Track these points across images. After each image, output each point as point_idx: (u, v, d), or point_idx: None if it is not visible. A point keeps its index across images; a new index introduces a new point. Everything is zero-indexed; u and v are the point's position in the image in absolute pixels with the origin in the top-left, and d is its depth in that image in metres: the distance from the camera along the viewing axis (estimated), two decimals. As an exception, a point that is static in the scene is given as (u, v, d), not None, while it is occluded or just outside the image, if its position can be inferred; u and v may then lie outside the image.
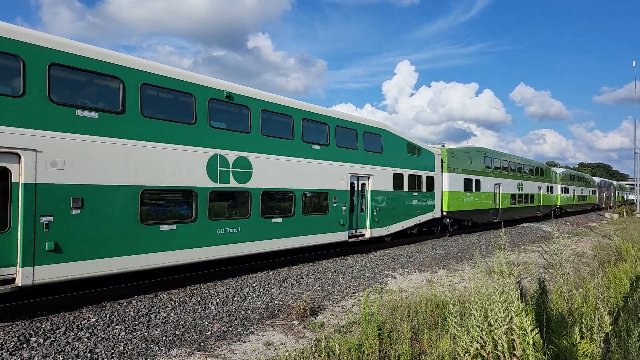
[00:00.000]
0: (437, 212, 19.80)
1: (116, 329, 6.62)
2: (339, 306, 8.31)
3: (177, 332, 6.60)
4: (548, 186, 35.82)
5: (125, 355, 5.67)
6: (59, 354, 5.60)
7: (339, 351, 4.62)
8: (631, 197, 76.71)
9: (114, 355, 5.66)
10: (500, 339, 3.72)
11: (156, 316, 7.32)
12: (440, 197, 20.12)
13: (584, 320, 4.23)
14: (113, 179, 8.20)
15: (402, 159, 17.22)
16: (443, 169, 20.44)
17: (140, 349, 5.91)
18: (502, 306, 3.77)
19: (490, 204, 24.95)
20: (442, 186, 20.30)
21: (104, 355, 5.64)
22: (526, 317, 3.64)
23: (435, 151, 19.86)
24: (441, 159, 20.33)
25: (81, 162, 7.72)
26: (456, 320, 4.26)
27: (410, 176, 17.60)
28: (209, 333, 6.65)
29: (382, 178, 15.92)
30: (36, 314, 7.12)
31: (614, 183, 75.11)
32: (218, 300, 8.40)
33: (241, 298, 8.67)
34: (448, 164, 20.72)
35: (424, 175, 18.61)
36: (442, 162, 20.41)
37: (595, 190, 54.79)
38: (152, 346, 6.02)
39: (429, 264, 12.98)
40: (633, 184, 65.68)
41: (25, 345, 5.83)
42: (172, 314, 7.47)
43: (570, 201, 42.35)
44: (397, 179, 16.81)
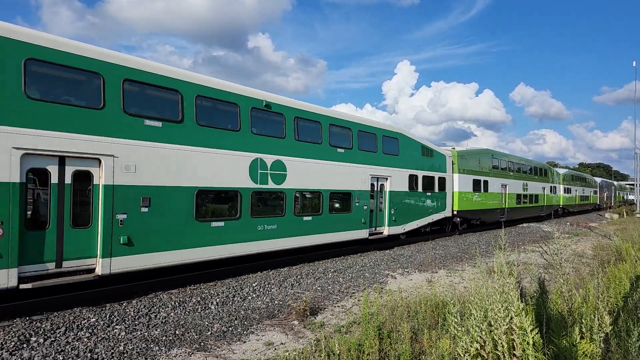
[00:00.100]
0: (448, 211, 20.51)
1: (116, 329, 6.63)
2: (339, 306, 8.31)
3: (177, 332, 6.60)
4: (551, 186, 36.41)
5: (125, 355, 5.68)
6: (59, 354, 5.61)
7: (339, 351, 4.62)
8: (631, 197, 76.74)
9: (114, 355, 5.66)
10: (500, 339, 3.72)
11: (156, 316, 7.33)
12: (451, 197, 20.84)
13: (584, 320, 4.23)
14: (173, 180, 9.26)
15: (417, 161, 18.04)
16: (454, 170, 21.12)
17: (140, 348, 5.91)
18: (502, 306, 3.77)
19: (497, 203, 25.55)
20: (453, 186, 21.00)
21: (104, 355, 5.64)
22: (526, 317, 3.64)
23: (446, 153, 20.59)
24: (452, 161, 21.05)
25: (148, 166, 8.78)
26: (456, 320, 4.26)
27: (424, 177, 18.37)
28: (209, 333, 6.65)
29: (399, 179, 16.78)
30: (36, 313, 7.13)
31: (615, 183, 75.72)
32: (218, 300, 8.41)
33: (241, 298, 8.68)
34: (458, 165, 21.37)
35: (436, 177, 19.36)
36: (453, 164, 21.12)
37: (597, 191, 55.32)
38: (152, 346, 6.03)
39: (429, 264, 12.99)
40: (633, 184, 65.69)
41: (25, 345, 5.84)
42: (172, 314, 7.48)
43: (572, 201, 42.89)
44: (412, 180, 17.62)
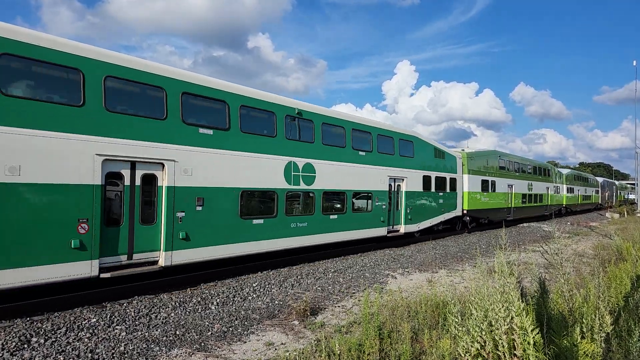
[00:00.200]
0: (458, 210, 21.48)
1: (117, 329, 6.63)
2: (339, 306, 8.31)
3: (177, 333, 6.60)
4: (555, 186, 37.39)
5: (126, 356, 5.68)
6: (60, 354, 5.61)
7: (339, 351, 4.62)
8: (632, 196, 76.82)
9: (114, 355, 5.66)
10: (500, 339, 3.72)
11: (157, 316, 7.32)
12: (461, 196, 21.78)
13: (584, 320, 4.22)
14: (222, 182, 10.24)
15: (430, 162, 19.03)
16: (463, 171, 22.05)
17: (141, 349, 5.91)
18: (503, 306, 3.76)
19: (504, 203, 26.56)
20: (463, 187, 21.92)
21: (104, 355, 5.64)
22: (527, 317, 3.64)
23: (456, 155, 21.58)
24: (462, 162, 21.99)
25: (202, 169, 9.74)
26: (457, 320, 4.26)
27: (436, 178, 19.34)
28: (210, 333, 6.65)
29: (413, 180, 17.73)
30: (37, 314, 7.13)
31: (616, 183, 76.79)
32: (218, 300, 8.40)
33: (241, 298, 8.68)
34: (468, 166, 22.34)
35: (448, 177, 20.33)
36: (463, 165, 22.05)
37: (599, 190, 56.23)
38: (152, 346, 6.03)
39: (429, 263, 12.98)
40: (633, 184, 65.77)
41: (26, 346, 5.84)
42: (172, 314, 7.48)
43: (575, 200, 43.87)
44: (426, 180, 18.57)
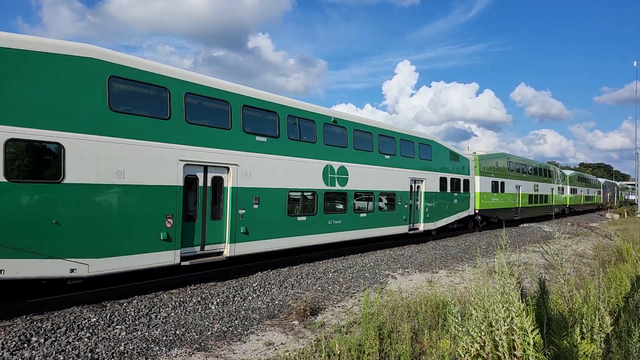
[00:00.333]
0: (471, 210, 22.83)
1: (117, 328, 6.63)
2: (339, 306, 8.31)
3: (177, 332, 6.60)
4: (559, 187, 38.87)
5: (126, 355, 5.68)
6: (60, 354, 5.61)
7: (339, 351, 4.62)
8: (632, 197, 76.99)
9: (114, 355, 5.67)
10: (500, 339, 3.72)
11: (157, 316, 7.33)
12: (473, 197, 23.17)
13: (584, 321, 4.22)
14: (273, 183, 11.62)
15: (446, 165, 20.38)
16: (475, 173, 23.51)
17: (141, 348, 5.92)
18: (503, 306, 3.76)
19: (512, 203, 28.05)
20: (475, 187, 23.39)
21: (104, 355, 5.64)
22: (527, 317, 3.64)
23: (469, 157, 22.89)
24: (474, 164, 23.37)
25: (258, 172, 11.11)
26: (457, 321, 4.25)
27: (452, 179, 20.69)
28: (210, 333, 6.65)
29: (431, 181, 19.06)
30: (37, 313, 7.13)
31: (617, 184, 77.94)
32: (218, 300, 8.40)
33: (241, 298, 8.68)
34: (479, 168, 23.87)
35: (462, 179, 21.66)
36: (474, 167, 23.47)
37: (601, 191, 57.55)
38: (152, 346, 6.03)
39: (430, 264, 12.98)
40: (634, 184, 65.92)
41: (26, 345, 5.84)
42: (172, 314, 7.48)
43: (578, 201, 45.37)
44: (443, 182, 19.92)
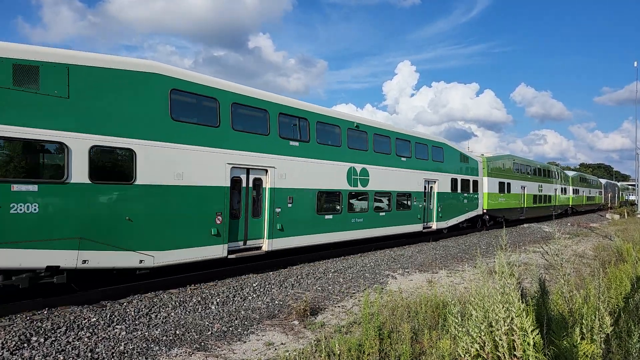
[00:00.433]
0: (479, 209, 23.71)
1: (117, 328, 6.63)
2: (339, 306, 8.31)
3: (177, 332, 6.60)
4: (562, 188, 39.83)
5: (126, 355, 5.68)
6: (60, 354, 5.61)
7: (339, 351, 4.62)
8: (632, 197, 77.14)
9: (114, 354, 5.67)
10: (500, 339, 3.72)
11: (156, 316, 7.33)
12: (482, 197, 24.01)
13: (584, 321, 4.21)
14: (305, 184, 12.55)
15: (457, 166, 21.22)
16: (483, 174, 24.36)
17: (141, 348, 5.92)
18: (503, 307, 3.76)
19: (517, 203, 28.99)
20: (483, 188, 24.25)
21: (104, 354, 5.64)
22: (527, 317, 3.64)
23: (478, 159, 23.80)
24: (482, 166, 24.19)
25: (292, 174, 12.04)
26: (457, 321, 4.25)
27: (462, 180, 21.54)
28: (210, 333, 6.65)
29: (444, 182, 19.89)
30: (37, 313, 7.13)
31: (618, 184, 79.12)
32: (218, 300, 8.40)
33: (241, 298, 8.68)
34: (487, 169, 24.78)
35: (471, 180, 22.50)
36: (483, 168, 24.33)
37: (602, 192, 58.61)
38: (152, 346, 6.03)
39: (430, 264, 12.98)
40: (634, 184, 66.11)
41: (26, 345, 5.84)
42: (172, 314, 7.48)
43: (580, 201, 46.49)
44: (454, 182, 20.77)
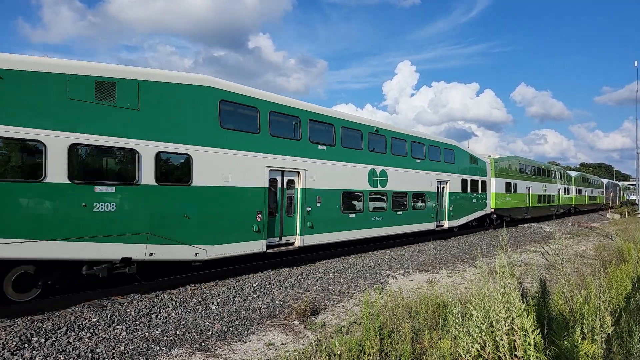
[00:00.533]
0: (488, 209, 24.66)
1: (117, 329, 6.63)
2: (339, 306, 8.30)
3: (177, 332, 6.60)
4: (565, 188, 40.85)
5: (126, 355, 5.68)
6: (60, 354, 5.61)
7: (339, 351, 4.62)
8: (633, 197, 77.22)
9: (115, 355, 5.66)
10: (501, 339, 3.71)
11: (157, 316, 7.33)
12: (489, 197, 24.91)
13: (585, 321, 4.21)
14: (332, 185, 13.52)
15: (466, 167, 22.10)
16: (491, 175, 25.29)
17: (141, 349, 5.91)
18: (504, 307, 3.75)
19: (523, 203, 29.97)
20: (491, 188, 25.12)
21: (105, 355, 5.64)
22: (527, 317, 3.63)
23: (486, 160, 24.67)
24: (490, 167, 25.02)
25: (320, 175, 13.04)
26: (457, 321, 4.25)
27: (471, 181, 22.45)
28: (210, 333, 6.65)
29: (454, 182, 20.80)
30: (37, 313, 7.13)
31: (620, 184, 80.00)
32: (219, 300, 8.40)
33: (242, 298, 8.67)
34: (494, 170, 25.75)
35: (480, 180, 23.41)
36: (490, 169, 25.20)
37: (604, 191, 59.53)
38: (152, 346, 6.03)
39: (430, 264, 12.98)
40: (634, 184, 66.18)
41: (26, 345, 5.84)
42: (172, 314, 7.48)
43: (583, 201, 47.61)
44: (464, 183, 21.67)
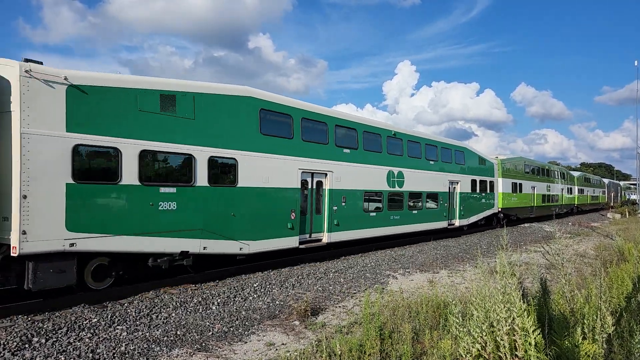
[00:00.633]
0: (495, 208, 25.56)
1: (118, 329, 6.63)
2: (340, 306, 8.30)
3: (178, 333, 6.60)
4: (568, 188, 41.65)
5: (127, 356, 5.68)
6: (61, 354, 5.61)
7: (340, 351, 4.61)
8: (633, 196, 77.24)
9: (115, 355, 5.67)
10: (502, 339, 3.71)
11: (157, 316, 7.33)
12: (497, 196, 25.68)
13: (586, 321, 4.20)
14: (355, 186, 14.46)
15: (476, 168, 23.04)
16: (498, 175, 26.04)
17: (142, 349, 5.92)
18: (504, 307, 3.75)
19: (528, 202, 30.76)
20: (498, 188, 25.88)
21: (105, 355, 5.64)
22: (528, 317, 3.63)
23: (493, 161, 25.62)
24: (497, 167, 25.80)
25: (345, 177, 13.95)
26: (458, 321, 4.24)
27: (480, 181, 23.33)
28: (210, 333, 6.65)
29: (465, 183, 21.67)
30: (38, 314, 7.13)
31: (621, 184, 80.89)
32: (219, 300, 8.40)
33: (242, 298, 8.67)
34: (501, 170, 26.50)
35: (488, 180, 24.28)
36: (497, 170, 25.95)
37: (605, 191, 60.16)
38: (153, 346, 6.03)
39: (430, 264, 12.97)
40: (635, 184, 66.35)
41: (27, 346, 5.84)
42: (173, 314, 7.48)
43: (585, 200, 48.43)
44: (473, 183, 22.55)
